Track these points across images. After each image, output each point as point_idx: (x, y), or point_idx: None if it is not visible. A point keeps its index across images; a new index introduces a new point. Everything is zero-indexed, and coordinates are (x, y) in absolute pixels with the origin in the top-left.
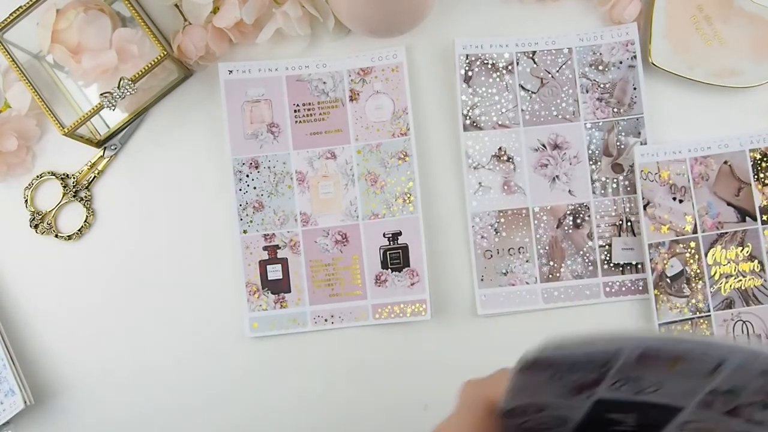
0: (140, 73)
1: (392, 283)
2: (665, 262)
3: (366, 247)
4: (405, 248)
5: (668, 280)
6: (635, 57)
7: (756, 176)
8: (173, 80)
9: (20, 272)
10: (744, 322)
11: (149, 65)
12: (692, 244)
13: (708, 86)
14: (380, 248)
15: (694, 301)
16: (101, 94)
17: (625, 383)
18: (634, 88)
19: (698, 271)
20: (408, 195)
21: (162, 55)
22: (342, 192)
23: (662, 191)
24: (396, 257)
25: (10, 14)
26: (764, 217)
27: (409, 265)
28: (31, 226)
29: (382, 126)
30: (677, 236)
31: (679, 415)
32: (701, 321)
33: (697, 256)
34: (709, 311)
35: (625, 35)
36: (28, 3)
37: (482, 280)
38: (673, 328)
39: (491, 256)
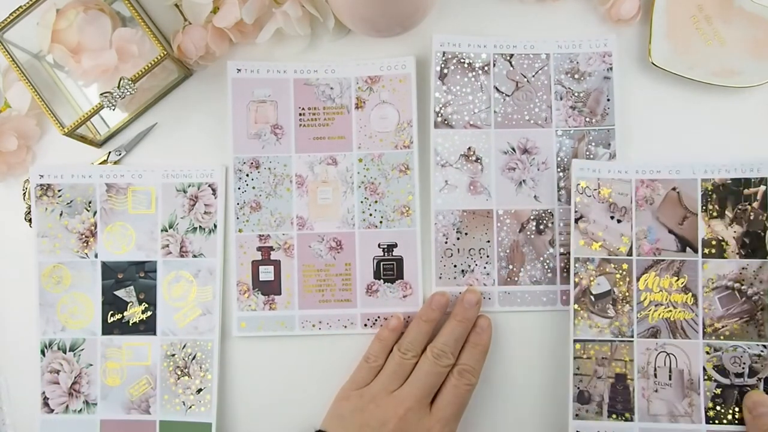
0: (140, 73)
1: (384, 294)
2: (591, 279)
3: (360, 255)
4: (399, 260)
5: (592, 297)
6: (611, 69)
7: (704, 207)
8: (173, 80)
9: (21, 273)
10: (668, 354)
11: (149, 65)
12: (624, 266)
13: (708, 86)
14: (374, 258)
15: (617, 323)
16: (101, 94)
17: None
18: (608, 100)
19: (627, 294)
20: (407, 208)
21: (162, 55)
22: (340, 199)
23: (599, 208)
24: (390, 268)
25: (10, 14)
26: (705, 251)
27: (402, 278)
28: (31, 225)
29: (386, 136)
30: (609, 255)
31: None
32: (622, 345)
33: (627, 279)
34: (632, 336)
35: (603, 47)
36: (28, 3)
37: (440, 277)
38: (590, 347)
39: (451, 254)
